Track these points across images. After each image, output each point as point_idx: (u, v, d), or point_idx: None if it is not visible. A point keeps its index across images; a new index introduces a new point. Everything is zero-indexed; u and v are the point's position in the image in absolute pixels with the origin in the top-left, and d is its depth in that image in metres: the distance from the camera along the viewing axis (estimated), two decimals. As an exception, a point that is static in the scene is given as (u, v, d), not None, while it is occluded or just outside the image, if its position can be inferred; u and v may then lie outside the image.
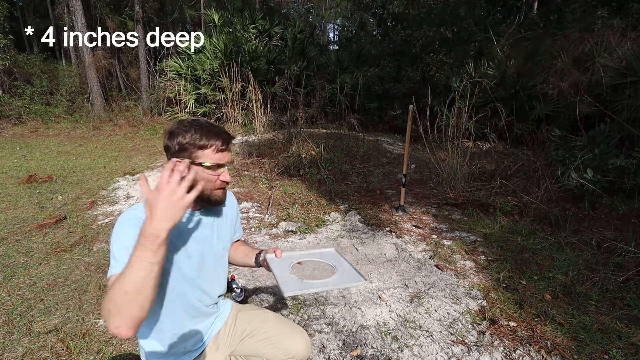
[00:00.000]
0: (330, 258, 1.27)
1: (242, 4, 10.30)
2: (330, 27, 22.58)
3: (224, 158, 1.00)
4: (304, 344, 1.18)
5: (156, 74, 10.72)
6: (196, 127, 0.97)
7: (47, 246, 2.91)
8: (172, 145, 0.96)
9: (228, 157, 1.02)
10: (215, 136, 0.98)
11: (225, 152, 1.00)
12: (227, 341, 1.20)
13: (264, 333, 1.18)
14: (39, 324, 1.96)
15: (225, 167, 1.01)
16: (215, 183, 1.00)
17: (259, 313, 1.27)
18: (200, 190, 0.88)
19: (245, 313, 1.26)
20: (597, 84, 4.36)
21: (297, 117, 8.10)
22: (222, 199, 1.05)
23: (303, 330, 1.25)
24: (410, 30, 8.11)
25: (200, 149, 0.96)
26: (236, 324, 1.22)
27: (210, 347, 1.16)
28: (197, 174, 0.96)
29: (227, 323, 1.23)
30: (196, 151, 0.96)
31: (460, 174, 4.17)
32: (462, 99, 4.47)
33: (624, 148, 3.64)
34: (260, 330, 1.19)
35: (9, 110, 9.80)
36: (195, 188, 0.83)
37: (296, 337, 1.18)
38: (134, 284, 0.75)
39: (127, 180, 4.84)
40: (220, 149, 0.98)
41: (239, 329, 1.21)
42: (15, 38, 11.24)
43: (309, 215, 3.52)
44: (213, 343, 1.17)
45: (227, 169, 1.02)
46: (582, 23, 6.70)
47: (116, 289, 0.76)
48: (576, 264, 2.51)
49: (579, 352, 1.72)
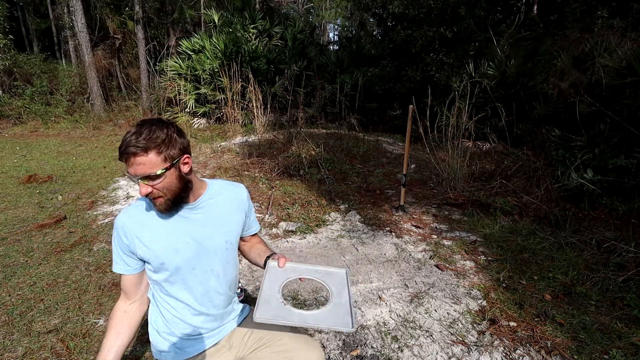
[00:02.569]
0: (335, 283, 1.16)
1: (242, 4, 10.31)
2: (330, 27, 22.58)
3: (130, 170, 0.94)
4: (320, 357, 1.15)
5: (156, 74, 10.73)
6: (127, 132, 0.98)
7: (47, 246, 2.91)
8: None
9: (134, 169, 0.93)
10: (121, 145, 0.94)
11: (128, 163, 0.93)
12: (242, 344, 1.18)
13: (282, 345, 1.15)
14: (39, 324, 1.96)
15: (138, 179, 0.94)
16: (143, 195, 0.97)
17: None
18: None
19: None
20: (597, 84, 4.36)
21: (297, 117, 8.11)
22: (159, 210, 1.01)
23: (318, 343, 1.23)
24: (410, 30, 8.09)
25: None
26: (254, 330, 1.20)
27: (223, 344, 1.16)
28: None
29: (244, 326, 1.21)
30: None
31: (460, 174, 4.17)
32: (462, 99, 4.47)
33: (624, 148, 3.63)
34: (278, 342, 1.16)
35: (9, 110, 9.80)
36: None
37: (312, 349, 1.15)
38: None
39: (127, 180, 4.84)
40: (121, 159, 0.95)
41: (256, 337, 1.19)
42: (15, 38, 11.25)
43: (309, 215, 3.52)
44: (226, 342, 1.17)
45: (142, 183, 0.94)
46: (582, 23, 6.71)
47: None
48: (576, 264, 2.50)
49: (579, 352, 1.72)
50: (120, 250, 1.06)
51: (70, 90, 10.86)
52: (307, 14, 20.38)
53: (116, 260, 1.08)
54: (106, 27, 11.53)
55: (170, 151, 0.96)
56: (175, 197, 1.01)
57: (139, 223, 1.05)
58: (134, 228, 1.04)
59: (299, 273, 1.18)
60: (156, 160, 0.94)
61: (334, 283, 1.15)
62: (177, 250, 1.05)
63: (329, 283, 1.15)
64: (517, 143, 5.68)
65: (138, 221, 1.05)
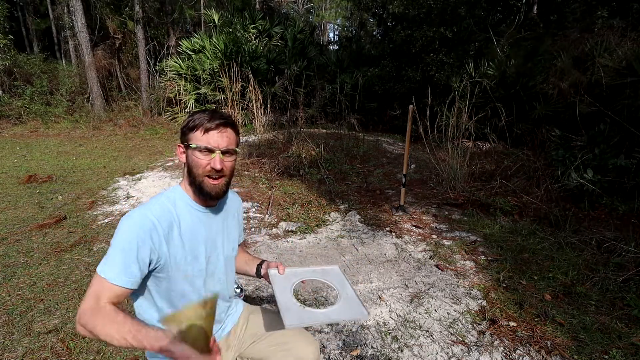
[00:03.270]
0: (334, 278, 1.23)
1: (242, 4, 10.32)
2: (330, 27, 22.58)
3: (213, 141, 0.95)
4: (315, 351, 1.17)
5: (156, 74, 10.73)
6: (196, 112, 0.99)
7: (47, 246, 2.91)
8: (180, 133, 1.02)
9: (220, 142, 0.95)
10: (206, 118, 0.96)
11: (215, 133, 0.95)
12: (238, 342, 1.19)
13: (276, 339, 1.16)
14: (39, 324, 1.96)
15: (217, 153, 0.95)
16: (205, 169, 0.96)
17: (271, 317, 1.26)
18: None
19: (257, 316, 1.25)
20: (597, 84, 4.36)
21: (297, 117, 8.11)
22: (212, 191, 0.98)
23: (313, 337, 1.24)
24: (410, 30, 8.10)
25: (191, 131, 0.97)
26: (248, 326, 1.21)
27: (221, 345, 1.16)
28: (190, 158, 0.98)
29: (239, 324, 1.22)
30: (188, 133, 0.98)
31: (460, 174, 4.17)
32: (462, 99, 4.47)
33: (624, 148, 3.63)
34: (272, 336, 1.17)
35: (9, 110, 9.80)
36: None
37: (307, 344, 1.16)
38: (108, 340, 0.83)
39: (127, 180, 4.84)
40: (207, 129, 0.94)
41: (250, 332, 1.19)
42: (15, 38, 11.25)
43: (309, 215, 3.52)
44: (224, 343, 1.16)
45: (219, 156, 0.95)
46: (582, 23, 6.71)
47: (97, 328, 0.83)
48: (576, 264, 2.51)
49: (579, 352, 1.72)
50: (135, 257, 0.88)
51: (70, 90, 10.85)
52: (307, 14, 20.38)
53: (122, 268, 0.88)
54: (106, 27, 11.53)
55: (239, 139, 1.04)
56: (229, 184, 1.03)
57: (168, 224, 0.95)
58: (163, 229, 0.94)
59: (299, 276, 1.21)
60: (235, 140, 1.02)
61: (334, 279, 1.22)
62: (196, 256, 1.01)
63: (331, 280, 1.21)
64: (517, 143, 5.68)
65: (167, 222, 0.95)
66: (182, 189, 1.03)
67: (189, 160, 0.98)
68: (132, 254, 0.88)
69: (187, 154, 0.99)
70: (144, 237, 0.89)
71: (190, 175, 0.99)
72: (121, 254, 0.88)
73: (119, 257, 0.88)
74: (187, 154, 0.99)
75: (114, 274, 0.87)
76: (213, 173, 0.96)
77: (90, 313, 0.85)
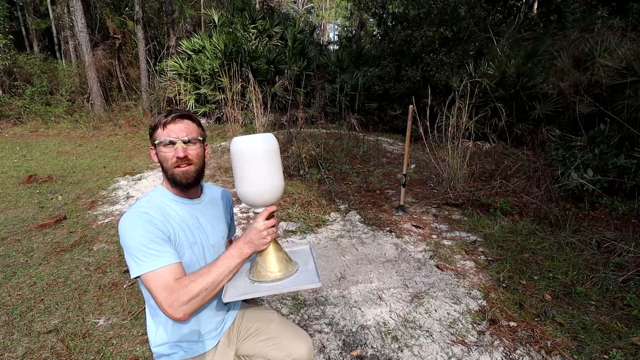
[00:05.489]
0: (300, 257, 1.18)
1: (242, 4, 10.31)
2: (330, 27, 22.59)
3: (173, 133, 1.00)
4: (307, 347, 1.18)
5: (156, 74, 10.72)
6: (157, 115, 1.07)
7: (47, 246, 2.91)
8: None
9: (179, 133, 1.01)
10: (164, 115, 1.03)
11: (173, 126, 1.01)
12: (235, 338, 1.20)
13: (268, 333, 1.19)
14: (39, 324, 1.97)
15: (178, 143, 1.00)
16: (172, 161, 1.01)
17: (264, 313, 1.27)
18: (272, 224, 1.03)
19: (251, 311, 1.26)
20: (597, 84, 4.37)
21: (297, 117, 8.11)
22: (183, 179, 1.03)
23: (306, 333, 1.25)
24: (410, 30, 8.10)
25: (154, 130, 1.03)
26: (242, 321, 1.23)
27: (223, 342, 1.16)
28: (159, 155, 1.04)
29: (235, 319, 1.23)
30: (153, 134, 1.04)
31: (460, 174, 4.17)
32: (462, 99, 4.47)
33: (624, 148, 3.63)
34: (264, 331, 1.19)
35: (9, 110, 9.81)
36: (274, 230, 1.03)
37: (300, 339, 1.18)
38: (214, 283, 0.94)
39: (127, 180, 4.84)
40: (164, 124, 1.01)
41: (244, 327, 1.21)
42: (15, 38, 11.25)
43: (309, 215, 3.52)
44: (225, 339, 1.17)
45: (181, 145, 1.00)
46: (582, 23, 6.71)
47: (198, 286, 0.91)
48: (576, 264, 2.51)
49: (579, 352, 1.72)
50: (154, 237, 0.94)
51: (70, 90, 10.86)
52: (307, 14, 20.38)
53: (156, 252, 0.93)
54: (106, 27, 11.53)
55: (201, 130, 1.09)
56: (199, 172, 1.07)
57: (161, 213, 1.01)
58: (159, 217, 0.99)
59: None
60: (196, 129, 1.06)
61: (299, 257, 1.18)
62: (191, 244, 1.05)
63: (296, 258, 1.17)
64: (517, 143, 5.68)
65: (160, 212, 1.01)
66: (163, 187, 1.09)
67: (159, 158, 1.04)
68: (150, 237, 0.94)
69: (157, 152, 1.04)
70: (147, 225, 0.96)
71: (163, 170, 1.05)
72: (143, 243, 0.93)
73: (143, 247, 0.92)
74: (156, 153, 1.05)
75: (155, 261, 0.92)
76: (179, 162, 1.02)
77: (176, 291, 0.90)
